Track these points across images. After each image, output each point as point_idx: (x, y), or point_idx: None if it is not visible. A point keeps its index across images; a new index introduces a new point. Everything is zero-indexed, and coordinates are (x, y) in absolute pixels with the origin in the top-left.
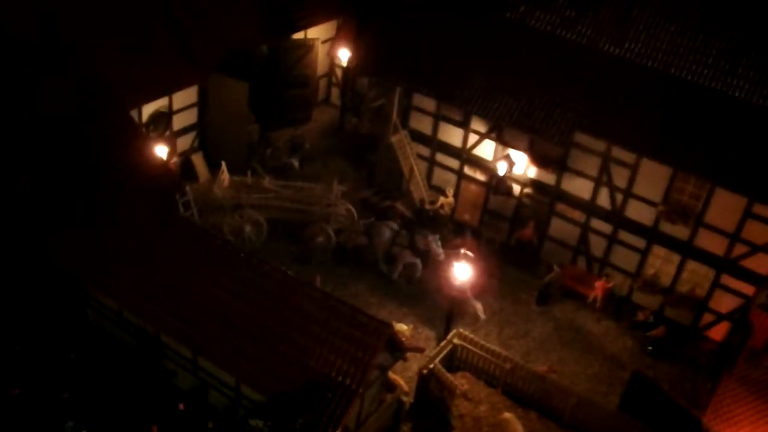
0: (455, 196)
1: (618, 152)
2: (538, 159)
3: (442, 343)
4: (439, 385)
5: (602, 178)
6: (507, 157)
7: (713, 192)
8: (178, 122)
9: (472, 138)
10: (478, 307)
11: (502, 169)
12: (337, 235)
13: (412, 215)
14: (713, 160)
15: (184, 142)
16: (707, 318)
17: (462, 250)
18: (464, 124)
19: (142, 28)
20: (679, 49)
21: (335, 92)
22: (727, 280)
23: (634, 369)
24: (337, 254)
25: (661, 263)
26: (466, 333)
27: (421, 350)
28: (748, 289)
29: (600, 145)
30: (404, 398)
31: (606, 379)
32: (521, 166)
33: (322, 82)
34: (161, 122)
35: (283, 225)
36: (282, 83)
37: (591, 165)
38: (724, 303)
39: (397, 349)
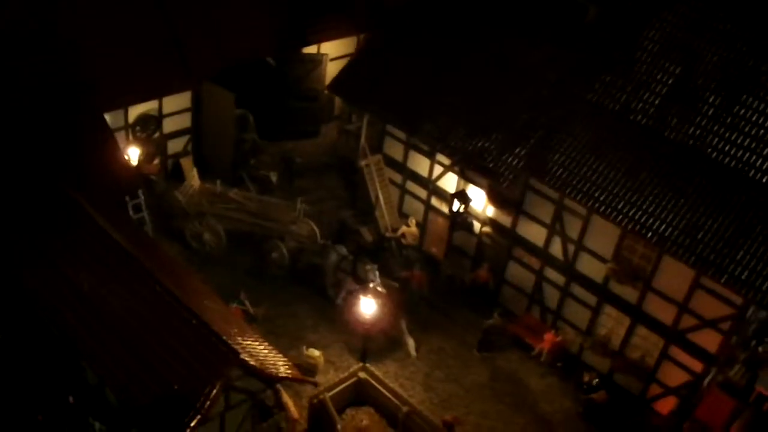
0: (423, 226)
1: (570, 201)
2: (495, 198)
3: (344, 375)
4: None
5: (555, 227)
6: (461, 194)
7: (662, 255)
8: (171, 125)
9: (438, 169)
10: (410, 343)
11: (455, 206)
12: (298, 253)
13: (376, 242)
14: (662, 221)
15: (177, 145)
16: (655, 389)
17: (372, 285)
18: (430, 155)
19: (137, 31)
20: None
21: None
22: (676, 352)
23: None
24: (292, 272)
25: (613, 324)
26: (373, 369)
27: (314, 383)
28: (696, 366)
29: (553, 191)
30: (284, 424)
31: None
32: (480, 203)
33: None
34: (149, 124)
35: (248, 237)
36: (290, 96)
37: (546, 211)
38: (672, 376)
39: (264, 377)
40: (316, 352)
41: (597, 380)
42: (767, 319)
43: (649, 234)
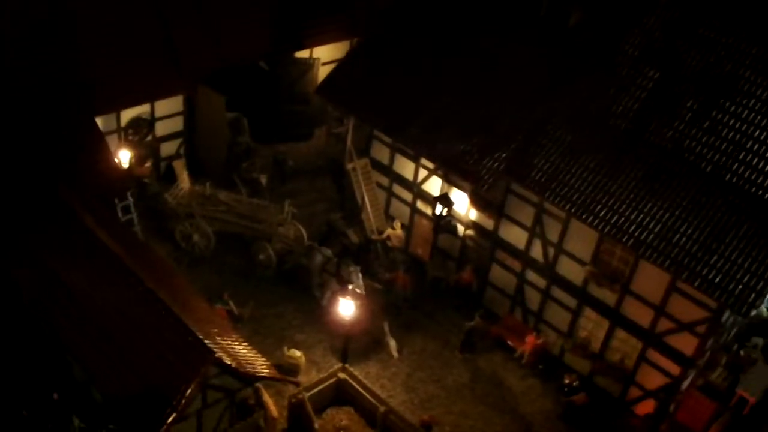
0: (409, 229)
1: (550, 204)
2: (478, 201)
3: (323, 376)
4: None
5: (536, 230)
6: (444, 198)
7: (639, 259)
8: (164, 128)
9: (423, 173)
10: (392, 344)
11: (438, 209)
12: (285, 254)
13: (362, 244)
14: (638, 225)
15: (170, 148)
16: (635, 392)
17: (351, 287)
18: (415, 158)
19: (132, 34)
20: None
21: None
22: (654, 355)
23: None
24: (279, 273)
25: (593, 327)
26: (354, 369)
27: (295, 383)
28: (673, 369)
29: (533, 195)
30: (262, 423)
31: None
32: (463, 206)
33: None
34: (142, 128)
35: (237, 239)
36: (283, 99)
37: (526, 215)
38: (651, 379)
39: (241, 376)
40: (297, 353)
41: (577, 382)
42: (749, 323)
43: (625, 237)
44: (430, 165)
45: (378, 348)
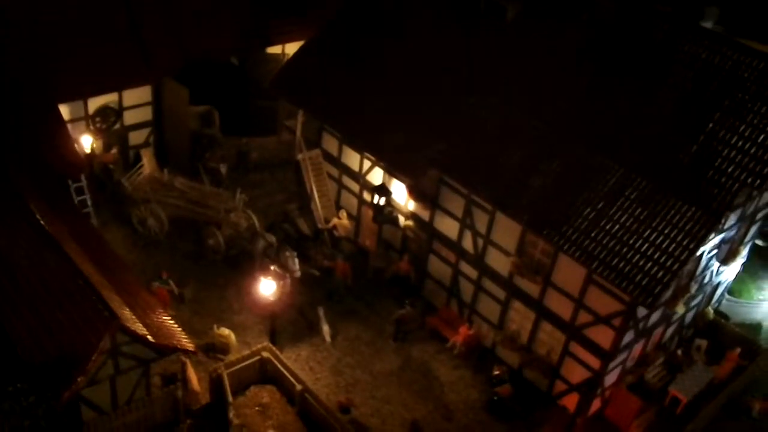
0: (357, 219)
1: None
2: (414, 193)
3: (247, 353)
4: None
5: (466, 221)
6: (381, 188)
7: (558, 251)
8: (132, 118)
9: (367, 164)
10: (326, 329)
11: (375, 199)
12: (233, 240)
13: (305, 233)
14: (559, 218)
15: (140, 137)
16: (561, 386)
17: (273, 268)
18: (360, 150)
19: (98, 24)
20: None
21: None
22: (576, 348)
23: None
24: (227, 257)
25: (521, 320)
26: (279, 350)
27: (220, 359)
28: (594, 362)
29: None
30: (180, 394)
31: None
32: (402, 198)
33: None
34: (109, 116)
35: (190, 224)
36: (252, 94)
37: (458, 206)
38: (575, 373)
39: (151, 345)
40: (225, 331)
41: (506, 374)
42: (691, 323)
43: (544, 229)
44: (372, 156)
45: (312, 333)
